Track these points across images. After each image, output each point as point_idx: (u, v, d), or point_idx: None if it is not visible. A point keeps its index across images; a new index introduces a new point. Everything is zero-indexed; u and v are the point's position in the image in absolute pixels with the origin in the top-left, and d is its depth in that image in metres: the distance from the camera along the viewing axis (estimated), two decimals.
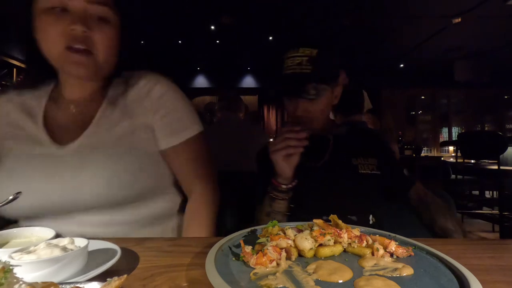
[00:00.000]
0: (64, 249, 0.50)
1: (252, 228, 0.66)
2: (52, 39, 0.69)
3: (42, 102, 0.82)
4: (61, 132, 0.78)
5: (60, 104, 0.82)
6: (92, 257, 0.54)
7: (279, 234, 0.56)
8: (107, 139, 0.77)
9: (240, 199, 1.26)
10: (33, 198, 0.72)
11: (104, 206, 0.75)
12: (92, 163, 0.73)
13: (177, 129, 0.82)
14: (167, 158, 0.83)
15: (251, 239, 0.59)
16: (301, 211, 0.95)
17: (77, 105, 0.81)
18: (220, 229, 0.94)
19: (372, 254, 0.55)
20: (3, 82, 5.60)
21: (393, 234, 0.63)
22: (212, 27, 5.44)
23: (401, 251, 0.55)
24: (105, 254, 0.55)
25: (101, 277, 0.44)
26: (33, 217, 0.77)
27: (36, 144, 0.77)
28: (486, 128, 8.46)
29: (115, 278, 0.39)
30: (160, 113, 0.80)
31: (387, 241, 0.57)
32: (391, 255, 0.55)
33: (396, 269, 0.48)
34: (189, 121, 0.84)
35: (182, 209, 0.89)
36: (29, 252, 0.49)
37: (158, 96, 0.81)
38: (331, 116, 1.14)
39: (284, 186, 0.91)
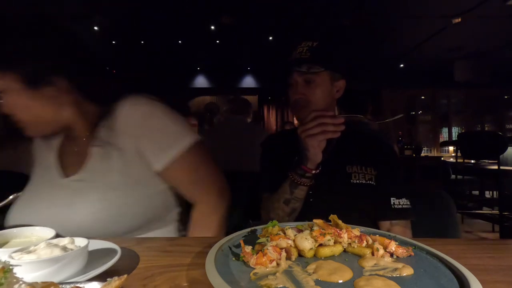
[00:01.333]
0: (64, 249, 0.50)
1: (252, 228, 0.66)
2: None
3: (58, 140, 0.91)
4: (68, 165, 0.86)
5: (68, 142, 0.90)
6: (92, 257, 0.54)
7: (279, 234, 0.56)
8: (101, 174, 0.80)
9: (240, 199, 1.25)
10: (38, 221, 0.75)
11: (100, 236, 0.78)
12: (87, 196, 0.78)
13: (166, 146, 0.80)
14: (166, 178, 0.82)
15: (251, 239, 0.59)
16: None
17: (78, 145, 0.87)
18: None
19: (372, 254, 0.55)
20: None
21: (393, 234, 0.63)
22: (212, 27, 5.43)
23: (401, 251, 0.55)
24: (105, 254, 0.55)
25: (101, 277, 0.44)
26: None
27: (50, 172, 0.85)
28: (486, 128, 8.46)
29: (115, 278, 0.39)
30: (146, 135, 0.80)
31: (387, 241, 0.57)
32: (391, 255, 0.55)
33: (396, 269, 0.48)
34: (177, 135, 0.82)
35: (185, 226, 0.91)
36: (29, 252, 0.49)
37: (139, 119, 0.81)
38: None
39: (313, 171, 0.92)
